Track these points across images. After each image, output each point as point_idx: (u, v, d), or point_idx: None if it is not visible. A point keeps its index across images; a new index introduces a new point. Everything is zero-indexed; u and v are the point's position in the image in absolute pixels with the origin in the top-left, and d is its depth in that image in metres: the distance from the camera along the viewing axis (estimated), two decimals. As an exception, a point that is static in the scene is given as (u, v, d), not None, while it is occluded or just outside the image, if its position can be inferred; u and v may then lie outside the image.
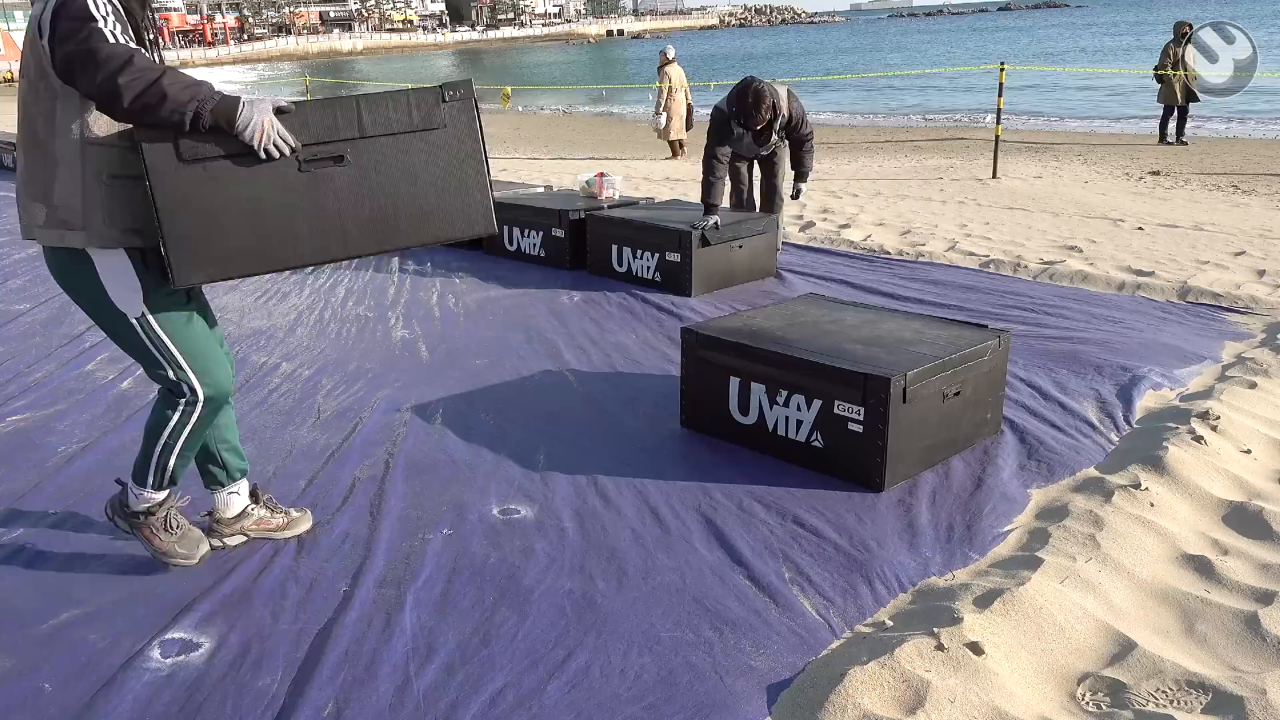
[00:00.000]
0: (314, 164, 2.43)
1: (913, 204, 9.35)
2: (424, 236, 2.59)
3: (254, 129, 2.37)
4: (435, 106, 2.55)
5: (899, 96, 25.50)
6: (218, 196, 2.36)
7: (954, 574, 2.86)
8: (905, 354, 3.50)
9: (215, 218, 2.37)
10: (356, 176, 2.48)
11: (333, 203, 2.47)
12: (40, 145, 2.39)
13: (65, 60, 2.26)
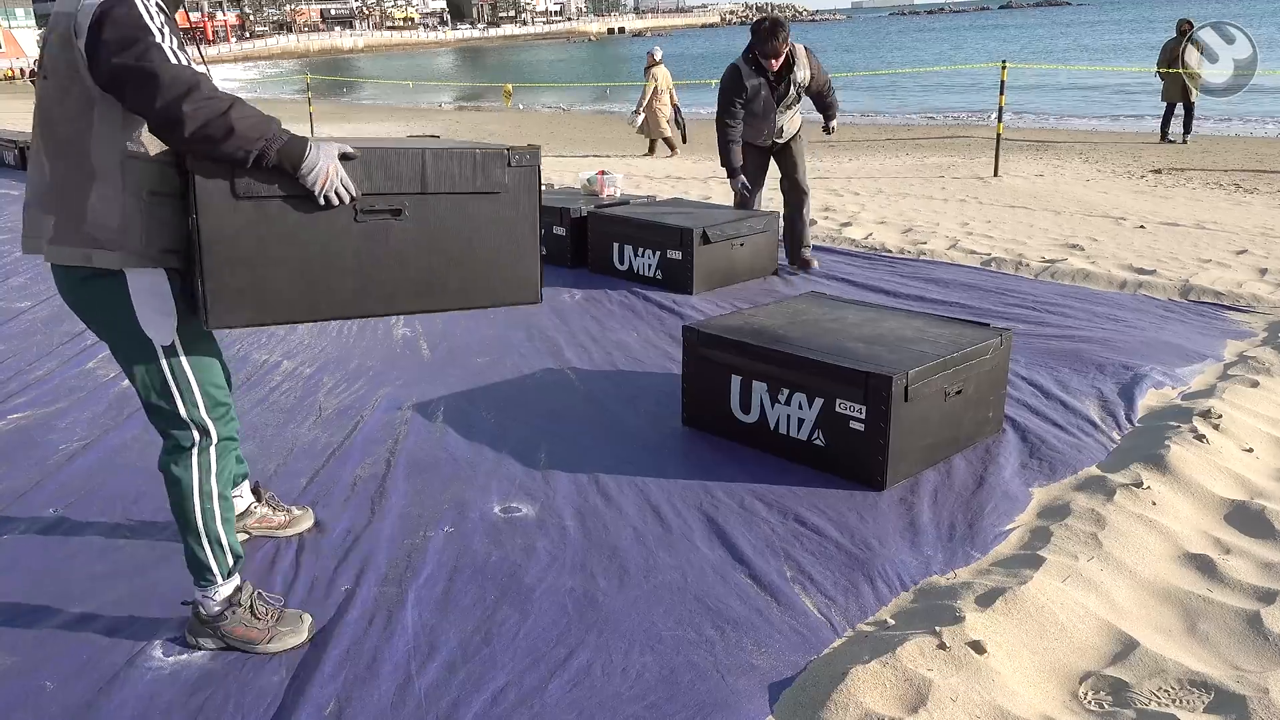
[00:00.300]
0: (370, 215, 2.32)
1: (914, 202, 9.34)
2: (468, 301, 2.51)
3: (318, 174, 2.23)
4: (500, 169, 2.46)
5: (900, 94, 25.49)
6: (266, 238, 2.23)
7: (956, 573, 2.86)
8: (907, 352, 3.50)
9: (261, 260, 2.24)
10: (412, 233, 2.37)
11: (383, 257, 2.36)
12: (70, 154, 2.17)
13: (116, 74, 2.06)
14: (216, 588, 2.46)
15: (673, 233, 5.97)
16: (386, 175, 2.33)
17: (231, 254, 2.20)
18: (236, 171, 2.15)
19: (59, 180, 2.18)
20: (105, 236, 2.18)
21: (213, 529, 2.44)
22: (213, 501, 2.44)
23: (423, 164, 2.37)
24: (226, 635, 2.48)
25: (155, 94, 2.04)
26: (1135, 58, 28.86)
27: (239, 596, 2.49)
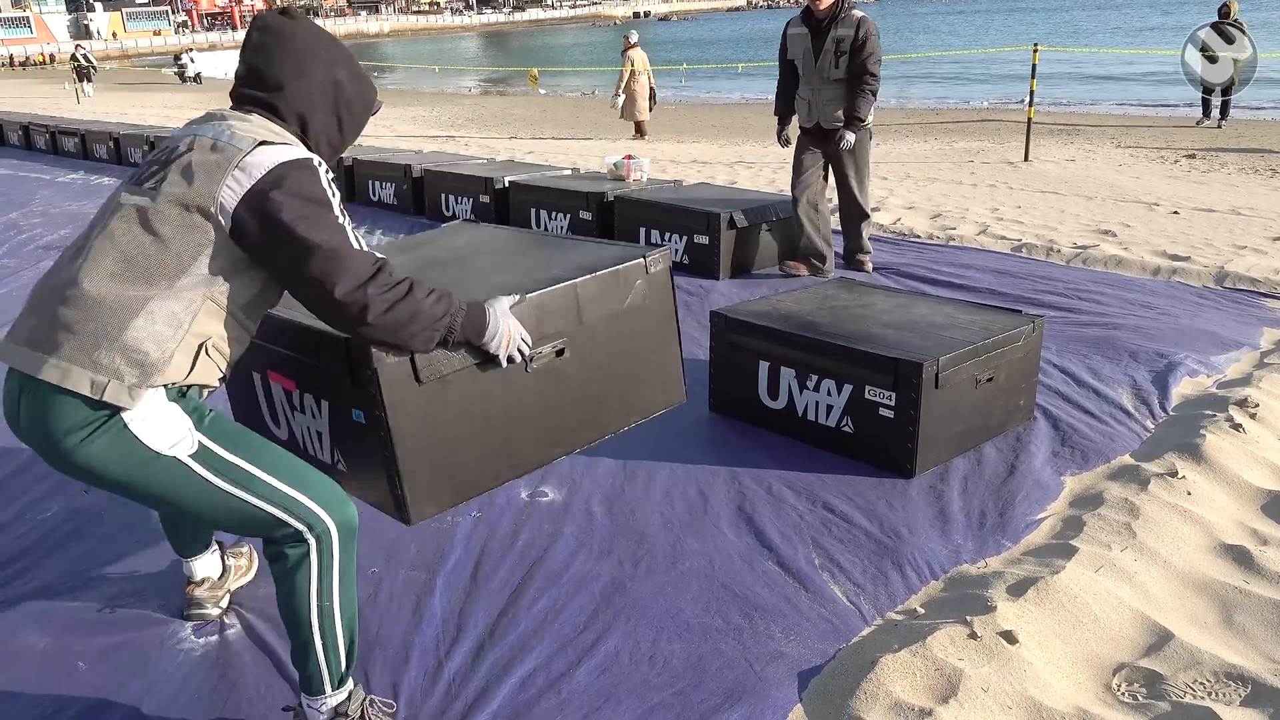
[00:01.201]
0: (538, 361, 2.25)
1: (943, 187, 9.25)
2: (629, 419, 2.46)
3: (500, 337, 2.10)
4: (641, 279, 2.42)
5: (929, 78, 25.23)
6: (451, 416, 2.12)
7: (986, 561, 2.83)
8: (937, 339, 3.46)
9: (449, 440, 2.14)
10: (575, 366, 2.32)
11: (557, 400, 2.31)
12: (139, 280, 1.86)
13: (281, 242, 1.86)
14: (325, 698, 2.08)
15: (699, 217, 5.94)
16: (546, 318, 2.26)
17: (422, 444, 2.10)
18: (416, 356, 2.04)
19: (104, 296, 1.84)
20: (129, 371, 1.83)
21: (331, 632, 2.04)
22: (332, 601, 2.02)
23: (575, 296, 2.30)
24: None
25: (338, 277, 1.87)
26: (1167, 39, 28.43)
27: (347, 706, 2.10)
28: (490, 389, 2.19)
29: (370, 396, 2.05)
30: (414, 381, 2.07)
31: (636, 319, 2.42)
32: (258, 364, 2.45)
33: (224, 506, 1.94)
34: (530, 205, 7.16)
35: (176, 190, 1.89)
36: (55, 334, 1.84)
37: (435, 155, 9.73)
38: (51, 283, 1.92)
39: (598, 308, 2.33)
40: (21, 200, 9.84)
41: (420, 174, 8.29)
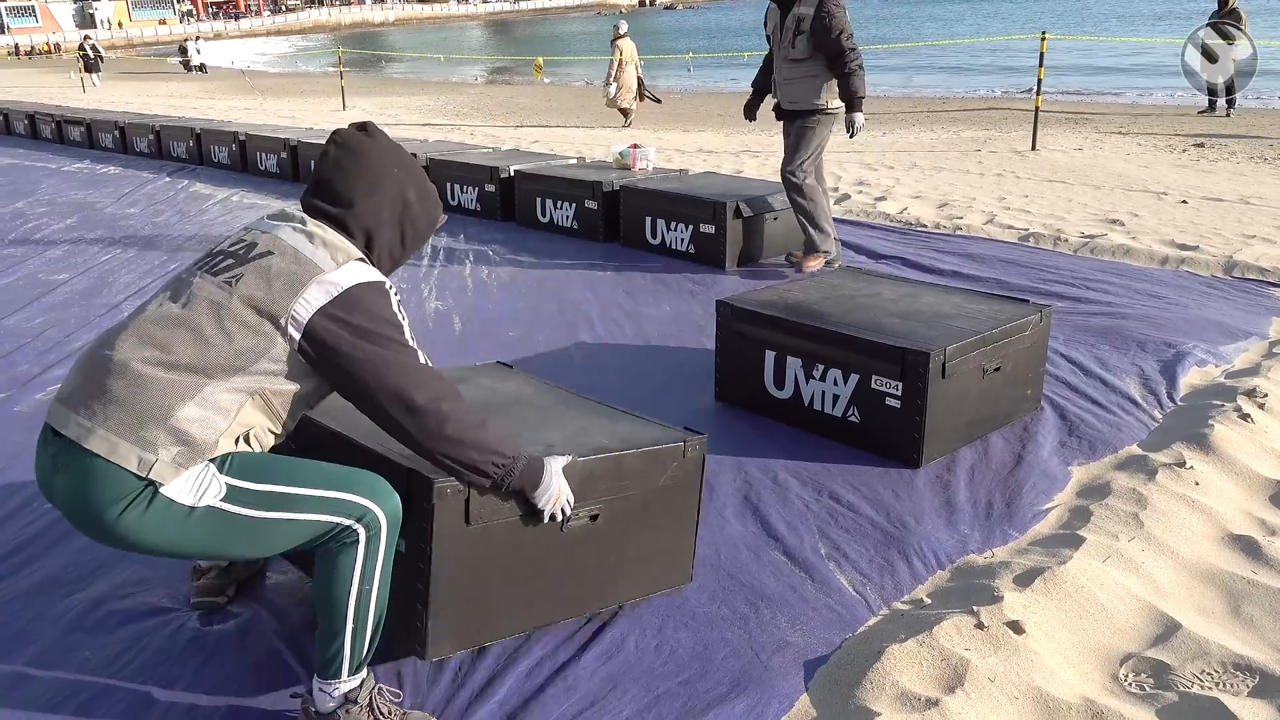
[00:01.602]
0: (571, 522, 2.30)
1: (950, 176, 9.21)
2: (633, 593, 2.51)
3: (550, 494, 2.15)
4: (677, 462, 2.46)
5: (936, 67, 25.11)
6: (487, 563, 2.18)
7: (993, 552, 2.82)
8: (944, 329, 3.45)
9: (480, 586, 2.19)
10: (603, 534, 2.37)
11: (581, 563, 2.36)
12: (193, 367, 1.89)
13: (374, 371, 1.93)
14: (339, 683, 2.07)
15: (705, 206, 5.92)
16: (588, 482, 2.29)
17: (456, 585, 2.14)
18: (471, 498, 2.08)
19: (159, 377, 1.88)
20: (176, 445, 1.87)
21: (363, 620, 2.05)
22: (372, 587, 2.04)
23: (619, 467, 2.34)
24: None
25: (417, 389, 1.94)
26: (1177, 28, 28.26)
27: (358, 693, 2.08)
28: (527, 542, 2.25)
29: (420, 529, 2.10)
30: (464, 523, 2.12)
31: (664, 498, 2.49)
32: None
33: (277, 534, 1.97)
34: (536, 194, 7.15)
35: (253, 292, 1.93)
36: (106, 406, 1.86)
37: (440, 144, 9.71)
38: (106, 352, 1.93)
39: (635, 482, 2.40)
40: (28, 189, 9.85)
41: (425, 163, 8.27)
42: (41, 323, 5.23)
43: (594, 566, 2.41)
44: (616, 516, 2.39)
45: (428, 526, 2.08)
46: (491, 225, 7.38)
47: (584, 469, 2.29)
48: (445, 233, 7.17)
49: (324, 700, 2.08)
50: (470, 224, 7.44)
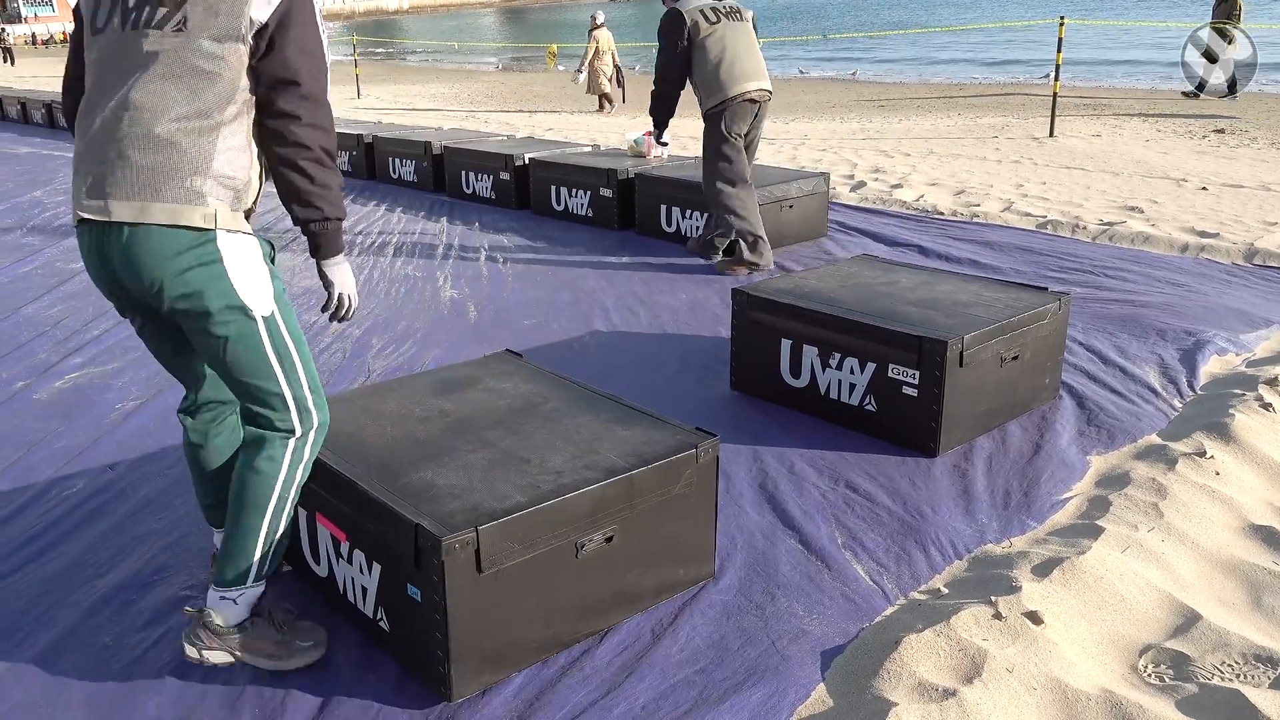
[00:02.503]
0: (587, 547, 2.31)
1: (967, 163, 9.15)
2: (660, 595, 2.51)
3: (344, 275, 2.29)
4: (691, 468, 2.46)
5: (950, 52, 24.93)
6: (501, 602, 2.19)
7: (1011, 541, 2.81)
8: (962, 317, 3.42)
9: (498, 624, 2.21)
10: (621, 550, 2.37)
11: (600, 583, 2.37)
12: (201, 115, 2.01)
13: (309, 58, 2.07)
14: (245, 590, 2.17)
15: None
16: (601, 507, 2.30)
17: (474, 630, 2.16)
18: (481, 547, 2.10)
19: (182, 137, 2.00)
20: (221, 191, 2.02)
21: (276, 525, 2.19)
22: (290, 493, 2.18)
23: (630, 487, 2.34)
24: (243, 647, 2.22)
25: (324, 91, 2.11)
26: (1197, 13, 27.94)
27: (263, 604, 2.20)
28: (541, 576, 2.25)
29: (432, 582, 2.12)
30: (476, 571, 2.13)
31: (680, 504, 2.48)
32: (307, 502, 2.48)
33: (258, 372, 2.13)
34: (550, 182, 7.14)
35: (205, 24, 2.00)
36: (149, 179, 1.99)
37: (455, 132, 9.71)
38: (112, 138, 2.01)
39: (649, 496, 2.40)
40: (45, 178, 9.89)
41: (440, 151, 8.28)
42: (59, 311, 5.26)
43: (613, 582, 2.41)
44: (632, 532, 2.39)
45: (440, 580, 2.09)
46: (506, 213, 7.38)
47: (596, 494, 2.29)
48: (460, 221, 7.17)
49: (229, 609, 2.16)
50: (485, 212, 7.44)
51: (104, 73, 2.06)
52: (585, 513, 2.29)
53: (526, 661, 2.30)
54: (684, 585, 2.58)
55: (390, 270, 5.88)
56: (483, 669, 2.22)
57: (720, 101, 5.33)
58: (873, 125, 12.52)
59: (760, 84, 5.38)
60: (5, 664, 2.36)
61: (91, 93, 2.09)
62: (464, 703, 2.19)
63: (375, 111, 16.22)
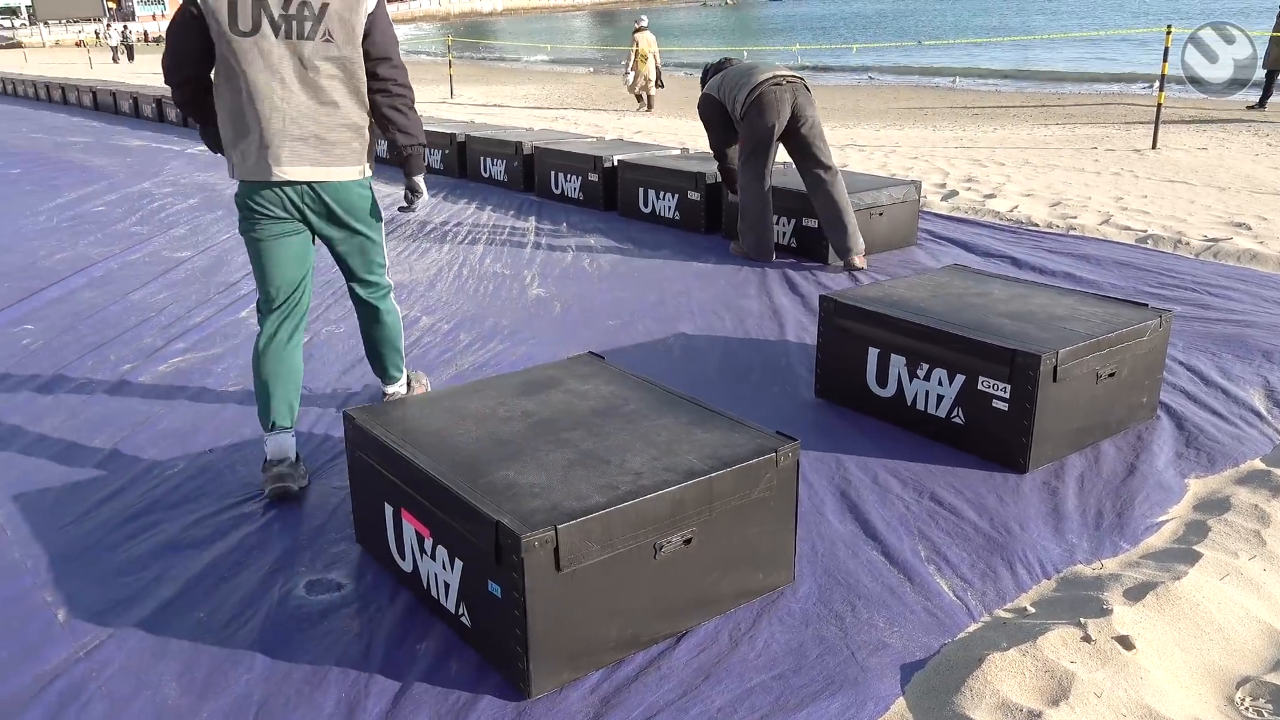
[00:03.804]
0: (665, 548, 2.32)
1: (1064, 174, 8.92)
2: (739, 600, 2.51)
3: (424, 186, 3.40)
4: (771, 472, 2.46)
5: (1049, 61, 24.32)
6: (580, 600, 2.22)
7: (1102, 563, 2.73)
8: (1057, 330, 3.34)
9: (577, 622, 2.23)
10: (700, 555, 2.39)
11: (678, 585, 2.38)
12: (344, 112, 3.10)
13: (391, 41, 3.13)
14: (401, 377, 3.72)
15: (809, 201, 5.84)
16: (680, 509, 2.31)
17: (553, 627, 2.19)
18: (560, 545, 2.14)
19: (347, 122, 3.10)
20: (368, 155, 3.23)
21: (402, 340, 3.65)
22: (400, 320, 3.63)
23: (710, 489, 2.35)
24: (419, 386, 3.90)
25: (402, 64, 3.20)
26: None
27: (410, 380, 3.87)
28: (618, 577, 2.27)
29: (512, 579, 2.15)
30: (554, 570, 2.15)
31: (760, 509, 2.48)
32: (393, 498, 2.55)
33: (379, 247, 3.38)
34: (638, 184, 7.17)
35: (341, 33, 3.00)
36: (335, 150, 3.10)
37: (545, 133, 9.82)
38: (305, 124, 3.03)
39: (728, 499, 2.40)
40: (154, 170, 10.29)
41: (530, 151, 8.38)
42: (164, 298, 5.46)
43: (691, 584, 2.41)
44: (711, 534, 2.39)
45: (519, 576, 2.12)
46: (593, 214, 7.43)
47: (675, 496, 2.30)
48: (548, 220, 7.24)
49: (400, 387, 3.73)
50: (572, 213, 7.51)
51: (271, 70, 2.96)
52: (664, 514, 2.29)
53: (604, 660, 2.31)
54: (762, 591, 2.57)
55: (479, 267, 5.97)
56: (561, 666, 2.24)
57: (742, 105, 5.53)
58: (966, 134, 12.28)
59: (777, 72, 5.57)
60: (110, 630, 2.47)
61: (258, 84, 2.96)
62: (542, 698, 2.21)
63: (467, 111, 16.48)
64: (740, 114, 5.56)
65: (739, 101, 5.54)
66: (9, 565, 2.79)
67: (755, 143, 5.56)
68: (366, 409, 2.80)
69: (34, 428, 3.75)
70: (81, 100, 18.70)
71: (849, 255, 5.58)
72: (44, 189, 9.37)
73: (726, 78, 5.70)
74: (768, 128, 5.46)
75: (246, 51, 2.92)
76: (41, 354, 4.60)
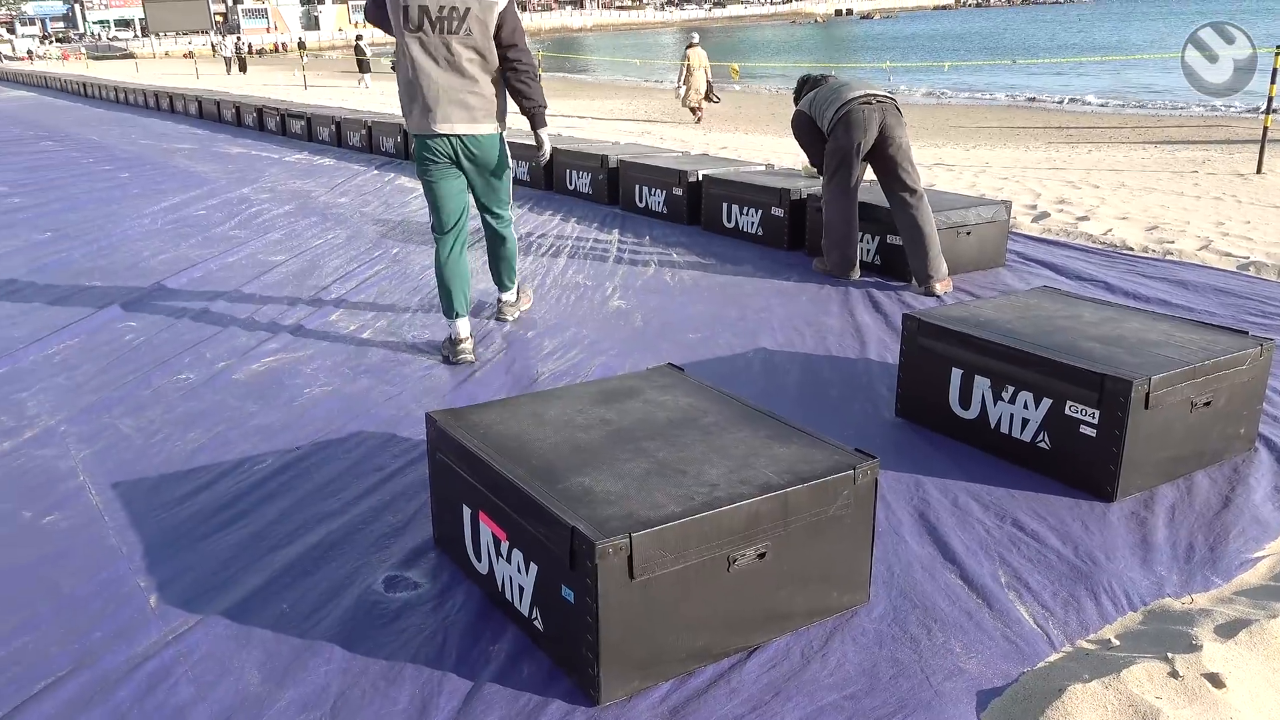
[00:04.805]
0: (739, 562, 2.31)
1: (1161, 198, 8.66)
2: (811, 615, 2.49)
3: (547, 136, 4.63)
4: (848, 489, 2.44)
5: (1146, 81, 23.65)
6: (652, 609, 2.22)
7: (1193, 597, 2.63)
8: (1150, 356, 3.24)
9: (648, 631, 2.23)
10: (774, 569, 2.39)
11: (751, 599, 2.38)
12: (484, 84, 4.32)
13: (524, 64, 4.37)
14: (515, 286, 5.09)
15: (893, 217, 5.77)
16: (755, 522, 2.31)
17: (624, 635, 2.21)
18: (634, 553, 2.15)
19: (486, 90, 4.33)
20: (501, 116, 4.45)
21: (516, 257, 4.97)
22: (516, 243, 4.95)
23: (785, 504, 2.34)
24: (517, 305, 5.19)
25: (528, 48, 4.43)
26: None
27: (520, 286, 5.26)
28: (691, 588, 2.26)
29: (585, 585, 2.17)
30: (628, 577, 2.16)
31: (836, 526, 2.45)
32: (472, 500, 2.60)
33: (506, 188, 4.61)
34: (722, 199, 7.17)
35: (478, 30, 4.24)
36: (476, 113, 4.32)
37: (630, 147, 9.89)
38: (454, 95, 4.27)
39: (804, 515, 2.38)
40: (253, 177, 10.65)
41: (616, 165, 8.45)
42: (259, 299, 5.65)
43: (764, 599, 2.39)
44: (785, 549, 2.38)
45: (593, 583, 2.14)
46: (676, 228, 7.46)
47: (750, 509, 2.29)
48: (631, 233, 7.29)
49: (511, 295, 5.08)
50: (656, 226, 7.54)
51: (431, 55, 4.25)
52: (738, 527, 2.29)
53: (674, 671, 2.31)
54: (836, 609, 2.54)
55: (562, 278, 6.04)
56: (631, 674, 2.25)
57: (830, 121, 5.56)
58: (1060, 155, 12.01)
59: (868, 90, 5.56)
60: (198, 616, 2.56)
61: (428, 65, 4.25)
62: (611, 705, 2.22)
63: (554, 124, 16.70)
64: (828, 130, 5.55)
65: (827, 118, 5.54)
66: (107, 550, 2.91)
67: (840, 159, 5.53)
68: (449, 411, 2.86)
69: (133, 420, 3.90)
70: (187, 108, 19.45)
71: (929, 281, 5.49)
72: (150, 193, 9.76)
73: (819, 94, 5.69)
74: (853, 145, 5.43)
75: (413, 43, 4.22)
76: (143, 349, 4.79)
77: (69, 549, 2.93)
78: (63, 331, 5.13)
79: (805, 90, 5.94)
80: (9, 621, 2.56)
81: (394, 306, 5.46)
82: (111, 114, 20.84)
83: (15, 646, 2.45)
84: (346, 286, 5.90)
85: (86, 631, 2.51)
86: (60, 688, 2.29)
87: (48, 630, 2.52)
